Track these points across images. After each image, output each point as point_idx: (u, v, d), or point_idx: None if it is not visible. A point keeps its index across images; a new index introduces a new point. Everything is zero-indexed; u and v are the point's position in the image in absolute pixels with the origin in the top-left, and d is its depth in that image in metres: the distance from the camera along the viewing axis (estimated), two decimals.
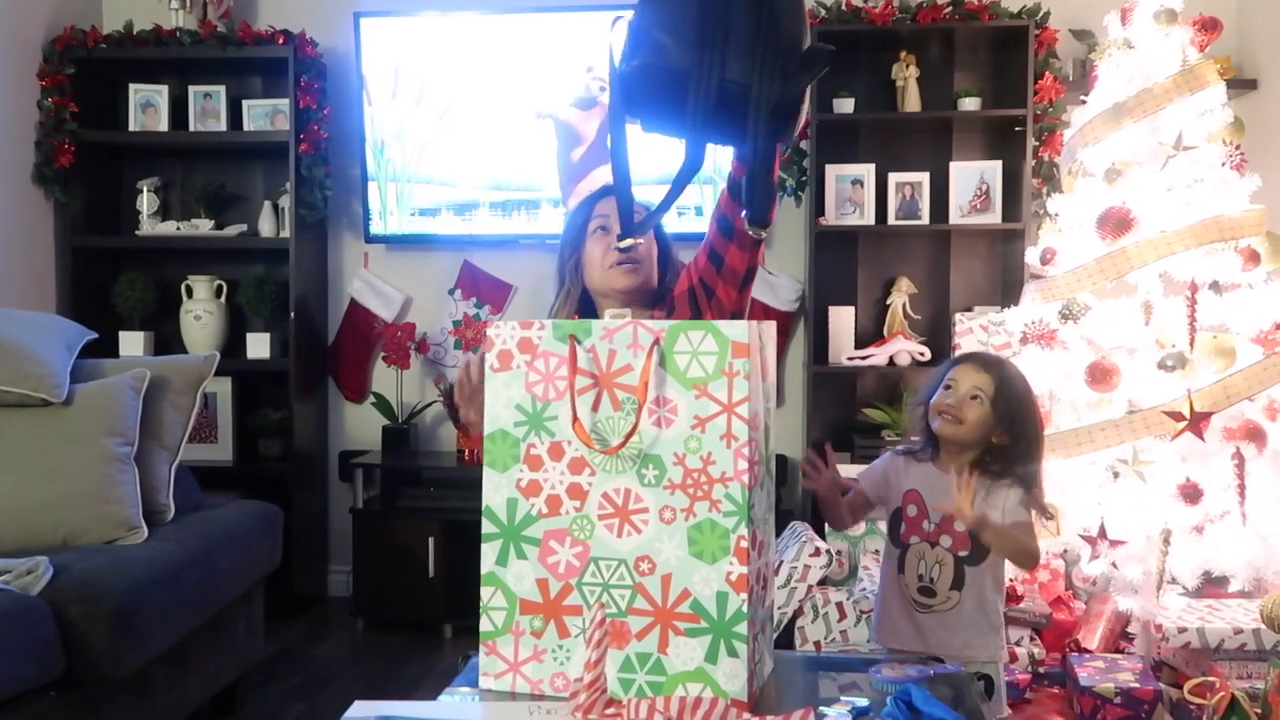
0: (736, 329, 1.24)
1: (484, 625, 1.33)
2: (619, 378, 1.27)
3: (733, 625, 1.24)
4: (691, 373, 1.25)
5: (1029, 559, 1.85)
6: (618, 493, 1.27)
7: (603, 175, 3.20)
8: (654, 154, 1.91)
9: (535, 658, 1.31)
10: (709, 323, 1.26)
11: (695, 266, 1.85)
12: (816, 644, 3.05)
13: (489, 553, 1.32)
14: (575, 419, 1.27)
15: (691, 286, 1.84)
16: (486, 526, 1.32)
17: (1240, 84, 3.62)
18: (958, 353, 2.10)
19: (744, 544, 1.24)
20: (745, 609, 1.24)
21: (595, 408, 1.28)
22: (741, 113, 1.34)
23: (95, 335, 3.00)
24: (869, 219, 3.85)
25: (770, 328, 1.38)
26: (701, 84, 1.33)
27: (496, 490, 1.32)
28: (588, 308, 1.94)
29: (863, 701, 1.40)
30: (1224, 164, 2.77)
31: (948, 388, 1.89)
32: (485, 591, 1.33)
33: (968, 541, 1.83)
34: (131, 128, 3.98)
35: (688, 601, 1.25)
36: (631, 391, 1.27)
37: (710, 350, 1.24)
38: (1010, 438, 1.84)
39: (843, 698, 1.42)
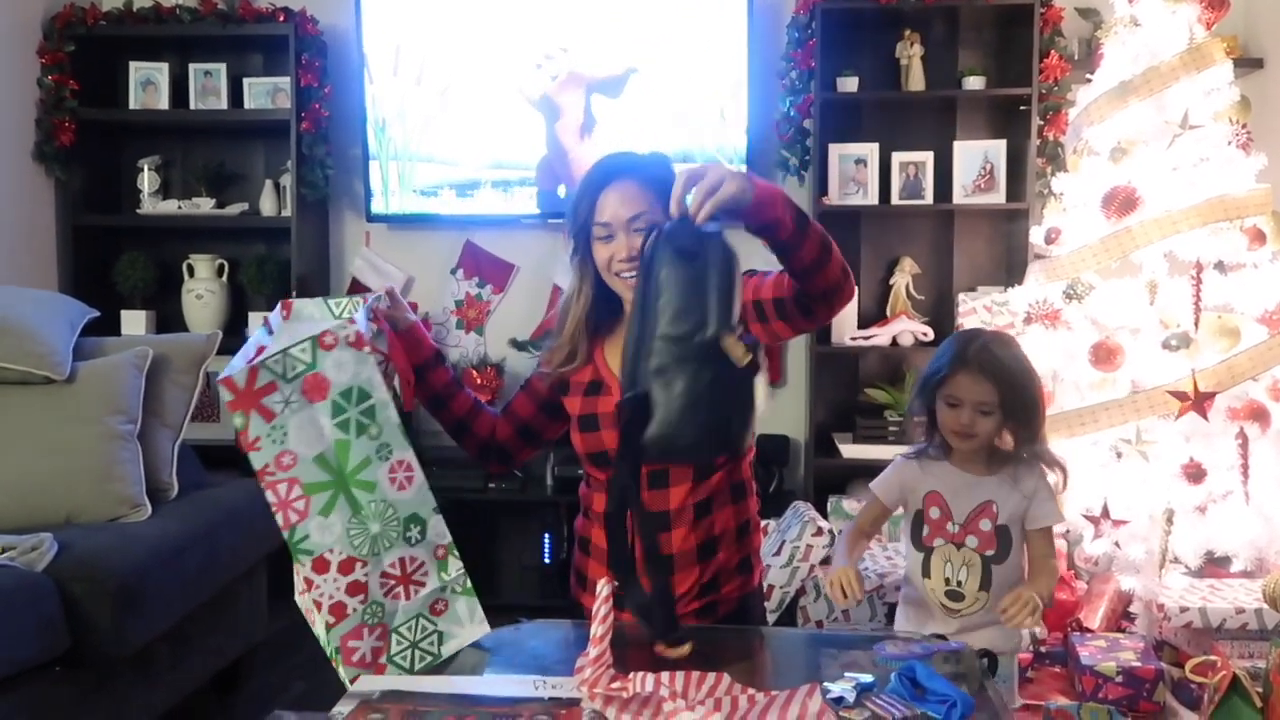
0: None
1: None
2: None
3: None
4: None
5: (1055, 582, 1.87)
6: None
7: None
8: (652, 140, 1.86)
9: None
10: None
11: (758, 286, 1.73)
12: (819, 623, 3.06)
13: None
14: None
15: (754, 300, 1.73)
16: None
17: (1247, 63, 3.60)
18: (954, 339, 1.92)
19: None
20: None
21: None
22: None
23: (97, 313, 2.99)
24: (872, 199, 3.83)
25: None
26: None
27: None
28: (609, 299, 1.79)
29: (867, 678, 1.41)
30: (1230, 143, 2.76)
31: (952, 405, 1.81)
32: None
33: (994, 540, 1.81)
34: (132, 106, 3.96)
35: None
36: None
37: None
38: (1029, 422, 1.83)
39: (846, 674, 1.42)
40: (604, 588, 1.28)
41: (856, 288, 1.62)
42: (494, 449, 1.90)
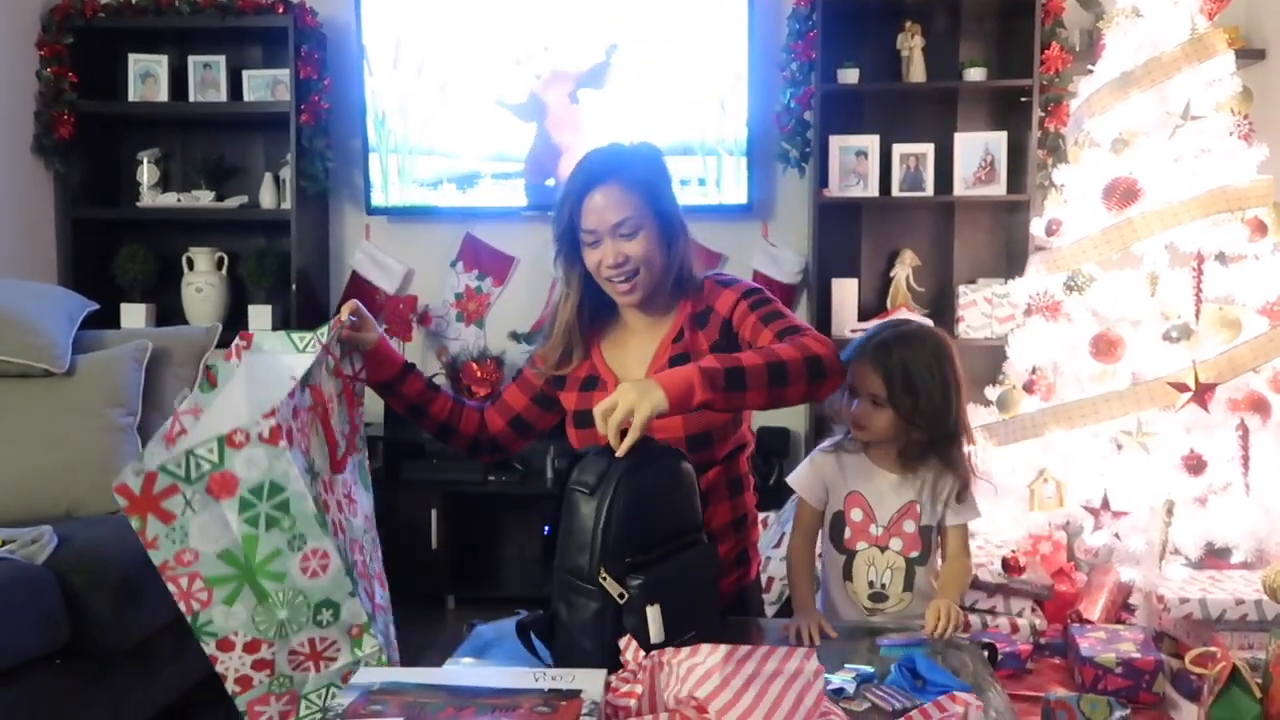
0: None
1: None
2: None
3: None
4: None
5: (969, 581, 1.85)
6: None
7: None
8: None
9: None
10: None
11: (739, 312, 1.74)
12: None
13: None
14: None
15: (728, 319, 1.75)
16: None
17: (1249, 54, 3.59)
18: (883, 329, 1.85)
19: None
20: None
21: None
22: None
23: (97, 306, 2.99)
24: (873, 190, 3.82)
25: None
26: None
27: None
28: (602, 296, 1.80)
29: (867, 669, 1.41)
30: (1232, 134, 2.75)
31: (853, 395, 1.79)
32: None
33: (918, 541, 1.77)
34: (131, 98, 3.96)
35: None
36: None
37: None
38: (929, 422, 1.76)
39: (846, 665, 1.42)
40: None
41: (840, 370, 1.62)
42: (484, 443, 1.89)
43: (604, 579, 1.36)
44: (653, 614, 1.35)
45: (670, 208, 1.76)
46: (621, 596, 1.36)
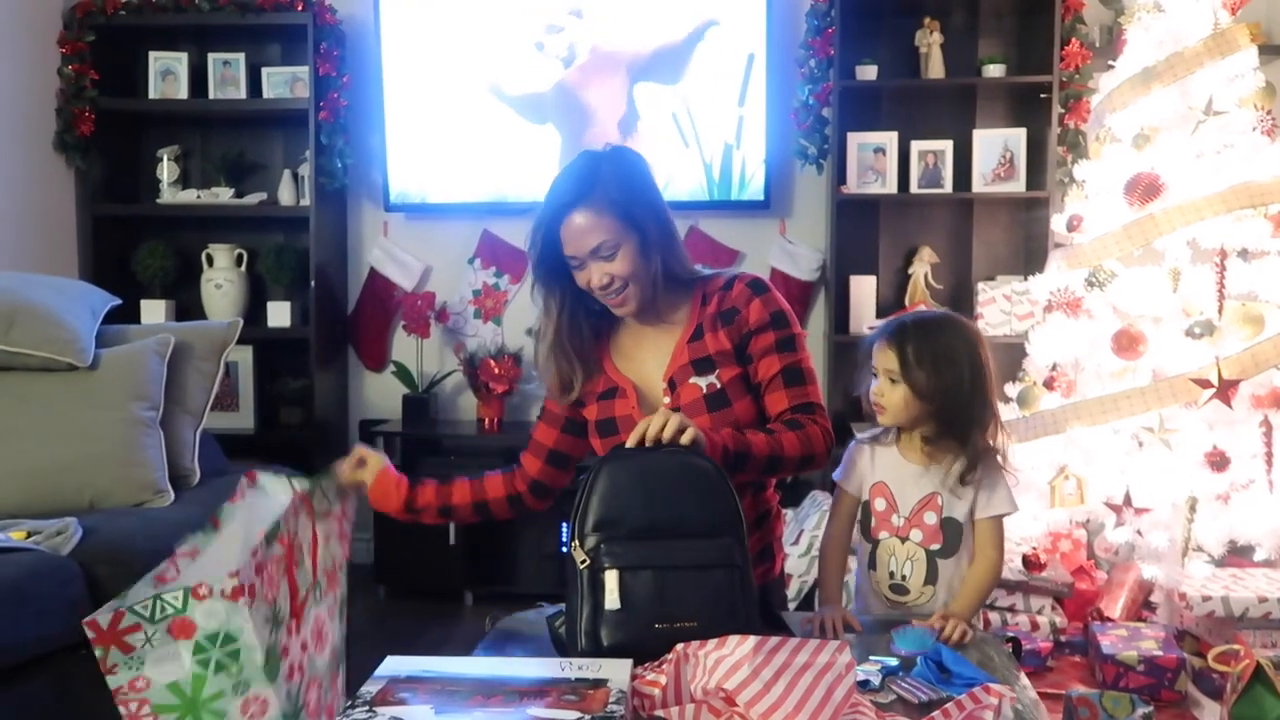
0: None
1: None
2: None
3: None
4: None
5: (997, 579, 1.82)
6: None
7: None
8: None
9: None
10: None
11: (763, 343, 1.78)
12: None
13: None
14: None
15: (750, 334, 1.78)
16: None
17: (1272, 50, 3.56)
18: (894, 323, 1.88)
19: None
20: None
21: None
22: None
23: (119, 301, 3.00)
24: (891, 187, 3.81)
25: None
26: None
27: None
28: (592, 308, 1.82)
29: (892, 661, 1.41)
30: (1254, 129, 2.74)
31: (874, 376, 1.81)
32: None
33: (939, 534, 1.77)
34: (151, 95, 3.98)
35: None
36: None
37: None
38: (945, 401, 1.74)
39: (872, 657, 1.42)
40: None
41: (825, 462, 1.77)
42: (524, 495, 1.87)
43: (575, 548, 1.46)
44: (610, 578, 1.42)
45: (648, 216, 1.74)
46: (584, 563, 1.44)
